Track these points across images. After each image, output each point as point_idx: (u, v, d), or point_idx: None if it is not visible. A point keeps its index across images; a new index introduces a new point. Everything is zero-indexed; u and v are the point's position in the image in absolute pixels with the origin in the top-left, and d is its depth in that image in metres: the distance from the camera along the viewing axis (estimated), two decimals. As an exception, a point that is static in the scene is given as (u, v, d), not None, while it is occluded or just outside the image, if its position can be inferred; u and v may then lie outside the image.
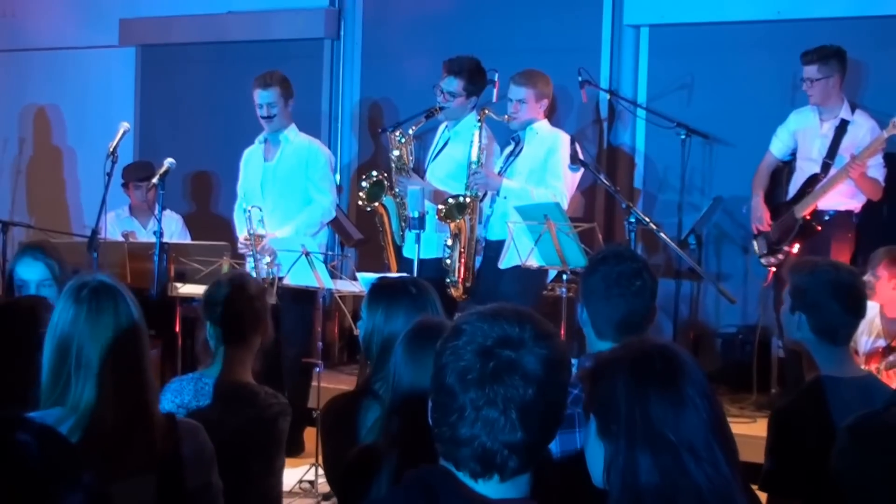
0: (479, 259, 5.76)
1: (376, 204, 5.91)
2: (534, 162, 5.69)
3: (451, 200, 5.57)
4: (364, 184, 5.94)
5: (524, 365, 1.70)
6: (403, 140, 5.88)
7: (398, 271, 5.67)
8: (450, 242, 5.65)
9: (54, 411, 2.42)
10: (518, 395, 1.69)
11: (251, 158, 6.17)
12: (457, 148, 5.90)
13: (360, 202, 6.00)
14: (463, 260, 5.65)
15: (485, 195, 5.74)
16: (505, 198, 5.65)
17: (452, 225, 5.59)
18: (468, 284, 5.71)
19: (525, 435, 1.70)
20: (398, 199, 5.92)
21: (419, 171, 6.08)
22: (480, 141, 5.68)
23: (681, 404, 1.86)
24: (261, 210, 5.81)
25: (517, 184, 5.64)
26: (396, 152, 5.89)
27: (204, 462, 2.58)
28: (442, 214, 5.54)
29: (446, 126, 6.04)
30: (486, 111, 5.72)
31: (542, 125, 5.79)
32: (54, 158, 8.94)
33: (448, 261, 5.67)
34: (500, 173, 5.77)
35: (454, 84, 5.87)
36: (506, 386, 1.69)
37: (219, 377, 3.37)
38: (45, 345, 2.51)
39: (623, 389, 1.88)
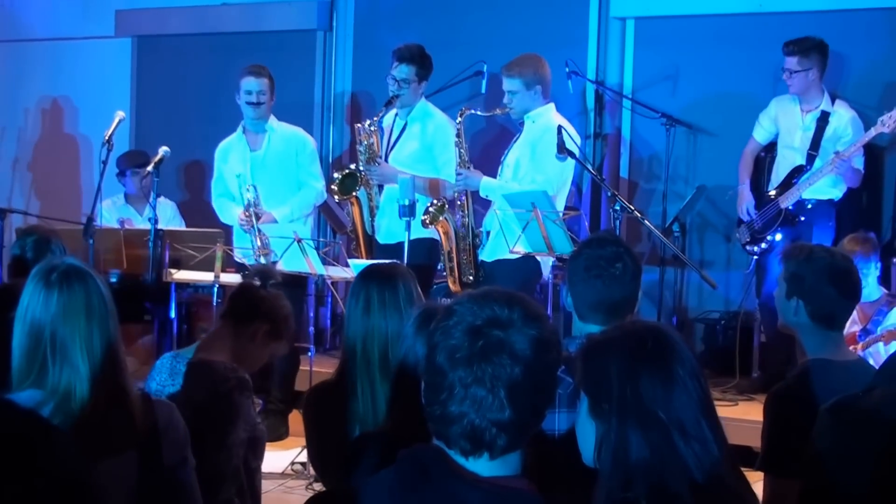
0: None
1: (353, 195, 5.97)
2: (522, 153, 5.69)
3: (431, 209, 5.62)
4: (336, 175, 6.05)
5: (512, 344, 1.73)
6: (374, 129, 5.98)
7: (374, 258, 5.75)
8: (444, 243, 5.73)
9: (32, 394, 2.43)
10: (505, 373, 1.72)
11: (232, 150, 6.22)
12: (415, 132, 5.98)
13: (334, 197, 6.08)
14: (455, 257, 5.72)
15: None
16: (487, 196, 5.69)
17: (439, 227, 5.68)
18: (467, 279, 5.75)
19: (513, 413, 1.72)
20: (370, 190, 6.04)
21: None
22: (463, 140, 5.72)
23: (671, 384, 1.89)
24: (255, 188, 5.94)
25: (496, 181, 5.67)
26: (366, 142, 5.98)
27: (179, 438, 2.62)
28: (427, 221, 5.62)
29: (396, 115, 6.09)
30: (466, 110, 5.75)
31: (541, 113, 5.68)
32: (51, 147, 9.01)
33: (443, 262, 5.76)
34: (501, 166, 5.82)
35: (406, 71, 5.94)
36: (493, 364, 1.72)
37: (192, 357, 3.42)
38: (14, 328, 2.51)
39: (615, 368, 1.91)
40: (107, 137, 5.96)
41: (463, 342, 1.74)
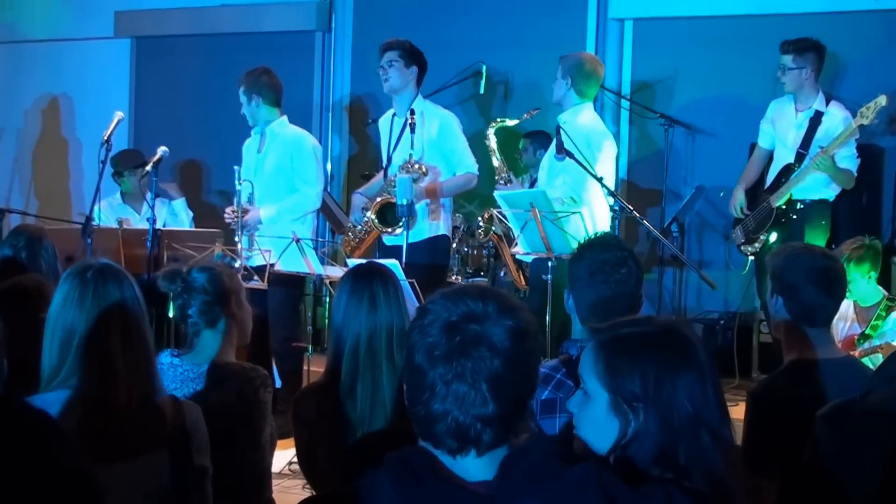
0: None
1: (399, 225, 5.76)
2: (552, 162, 5.56)
3: (482, 223, 5.71)
4: (371, 216, 5.86)
5: (490, 337, 1.71)
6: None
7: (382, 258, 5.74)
8: (501, 250, 5.87)
9: (60, 394, 2.43)
10: (485, 367, 1.71)
11: (248, 149, 6.23)
12: (422, 127, 5.84)
13: (376, 226, 5.91)
14: (510, 258, 5.81)
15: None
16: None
17: (494, 238, 5.80)
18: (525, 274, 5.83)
19: (497, 407, 1.71)
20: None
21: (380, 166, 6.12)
22: (497, 153, 5.80)
23: (704, 381, 1.89)
24: (252, 184, 5.93)
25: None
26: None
27: (203, 441, 2.61)
28: (483, 235, 5.69)
29: (394, 114, 6.03)
30: (497, 122, 5.80)
31: (574, 113, 5.64)
32: (51, 148, 9.02)
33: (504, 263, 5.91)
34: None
35: (389, 55, 5.88)
36: (473, 359, 1.71)
37: (211, 361, 3.35)
38: (46, 327, 2.50)
39: (651, 366, 1.88)
40: (105, 138, 5.94)
41: (440, 339, 1.72)
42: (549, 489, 1.72)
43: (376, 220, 5.87)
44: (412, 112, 5.73)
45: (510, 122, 5.94)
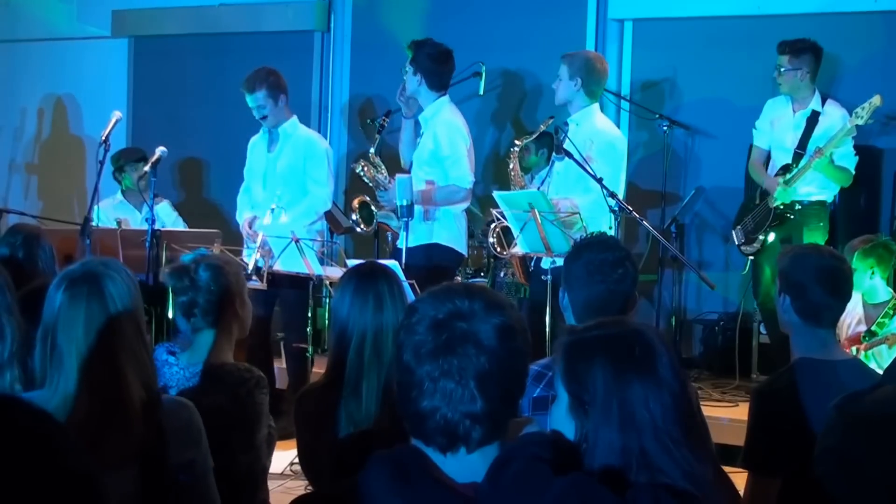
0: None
1: (374, 225, 5.94)
2: (567, 160, 5.41)
3: (493, 235, 5.69)
4: (354, 217, 5.96)
5: (477, 334, 1.72)
6: (367, 163, 5.96)
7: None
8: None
9: (42, 394, 2.43)
10: (472, 364, 1.71)
11: (255, 148, 6.20)
12: (428, 134, 5.86)
13: (359, 229, 6.02)
14: (516, 260, 5.80)
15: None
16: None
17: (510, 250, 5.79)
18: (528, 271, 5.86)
19: (485, 404, 1.71)
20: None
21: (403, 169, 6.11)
22: (519, 172, 5.80)
23: (658, 390, 1.86)
24: (276, 208, 5.92)
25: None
26: (370, 177, 5.93)
27: (189, 439, 2.56)
28: (496, 244, 5.66)
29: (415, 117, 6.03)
30: (520, 141, 5.81)
31: (584, 115, 5.56)
32: (49, 147, 9.01)
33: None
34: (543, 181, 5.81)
35: (406, 67, 5.89)
36: (459, 356, 1.71)
37: (205, 361, 3.31)
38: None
39: (601, 371, 1.87)
40: (104, 138, 5.93)
41: (427, 337, 1.73)
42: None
43: (360, 220, 5.92)
44: (387, 113, 5.86)
45: (528, 140, 5.94)
